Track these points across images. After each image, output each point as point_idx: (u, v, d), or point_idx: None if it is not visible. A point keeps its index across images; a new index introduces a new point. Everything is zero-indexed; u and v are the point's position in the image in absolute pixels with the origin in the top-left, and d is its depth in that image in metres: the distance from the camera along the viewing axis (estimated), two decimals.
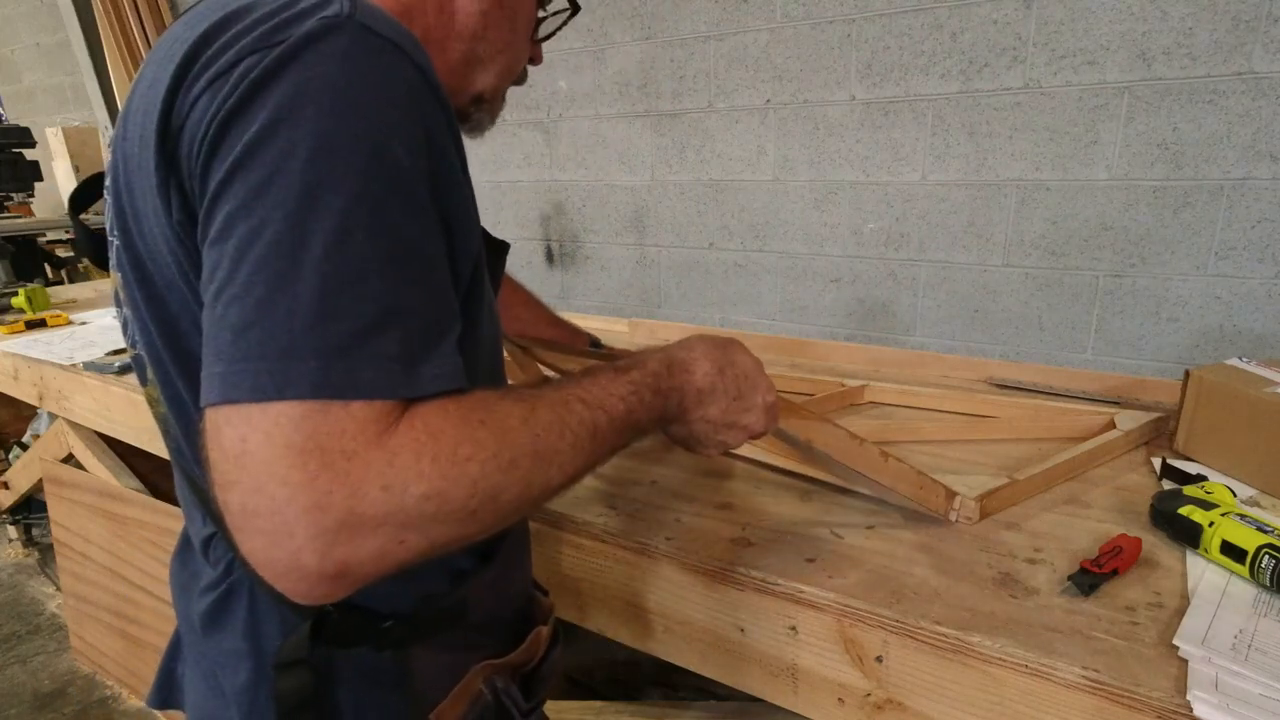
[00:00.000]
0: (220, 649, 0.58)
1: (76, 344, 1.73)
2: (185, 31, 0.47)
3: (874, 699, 0.69)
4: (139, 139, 0.48)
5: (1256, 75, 1.54)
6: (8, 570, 2.47)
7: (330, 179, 0.41)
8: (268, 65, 0.42)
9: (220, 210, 0.42)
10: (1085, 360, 1.86)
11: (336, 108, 0.42)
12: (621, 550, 0.83)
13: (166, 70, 0.46)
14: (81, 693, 1.89)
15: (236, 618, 0.57)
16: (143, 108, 0.48)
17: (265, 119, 0.41)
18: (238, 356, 0.40)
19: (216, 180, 0.42)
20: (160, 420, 0.60)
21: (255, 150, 0.41)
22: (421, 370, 0.43)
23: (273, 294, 0.40)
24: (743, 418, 0.63)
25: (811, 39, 2.03)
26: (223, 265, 0.41)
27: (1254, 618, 0.64)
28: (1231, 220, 1.63)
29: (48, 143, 4.14)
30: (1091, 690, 0.58)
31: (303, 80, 0.42)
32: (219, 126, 0.43)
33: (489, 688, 0.63)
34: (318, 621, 0.54)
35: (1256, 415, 0.88)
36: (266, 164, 0.41)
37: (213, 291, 0.42)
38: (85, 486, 1.74)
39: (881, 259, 2.07)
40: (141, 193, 0.49)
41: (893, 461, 0.75)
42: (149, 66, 0.51)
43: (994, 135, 1.84)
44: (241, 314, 0.40)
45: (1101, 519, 0.83)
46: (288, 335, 0.39)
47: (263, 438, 0.38)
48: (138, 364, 0.58)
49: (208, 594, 0.59)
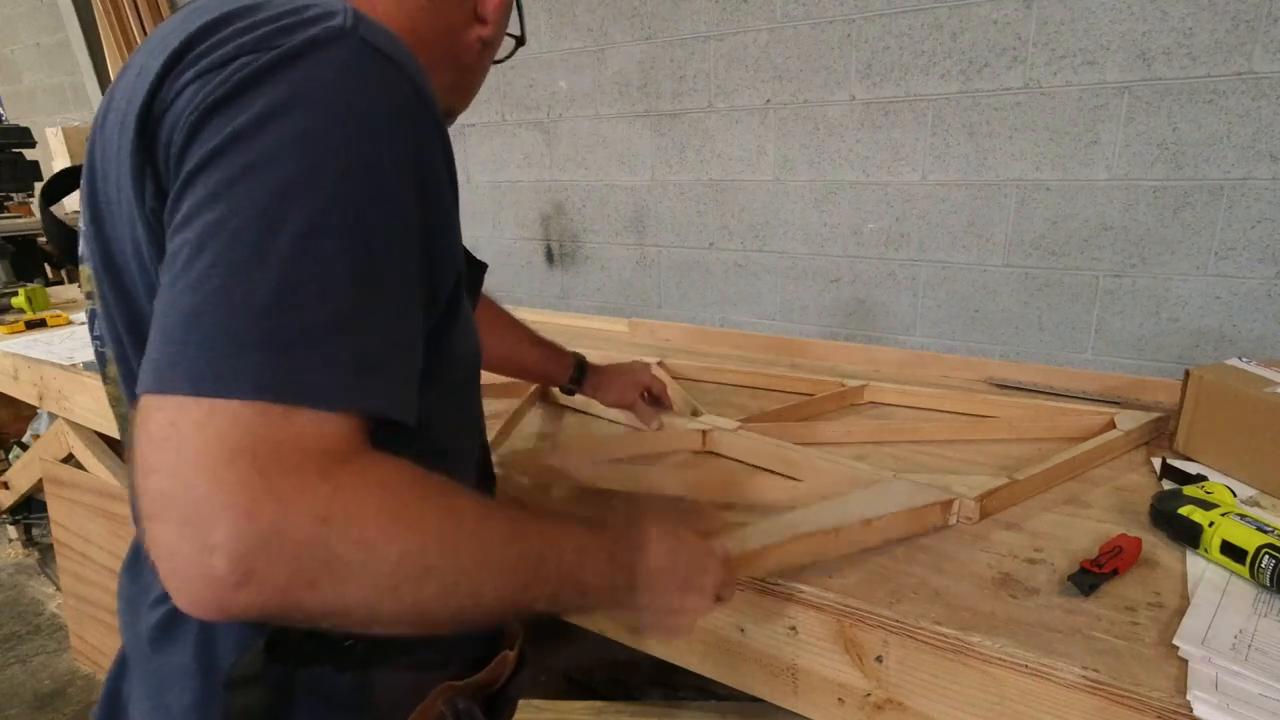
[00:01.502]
0: (168, 665, 0.56)
1: (76, 344, 1.73)
2: (182, 24, 0.47)
3: (874, 699, 0.69)
4: (119, 125, 0.47)
5: (1256, 75, 1.54)
6: (8, 570, 2.47)
7: (310, 179, 0.40)
8: (264, 63, 0.41)
9: (190, 196, 0.41)
10: (1085, 360, 1.86)
11: (328, 113, 0.41)
12: None
13: (157, 59, 0.45)
14: (81, 693, 1.89)
15: (187, 633, 0.55)
16: (126, 95, 0.47)
17: (253, 113, 0.40)
18: (182, 342, 0.38)
19: (190, 165, 0.41)
20: (120, 420, 0.58)
21: (237, 141, 0.40)
22: (370, 385, 0.40)
23: (229, 283, 0.38)
24: (688, 600, 0.59)
25: (811, 39, 2.03)
26: (183, 252, 0.40)
27: (1254, 618, 0.64)
28: (1231, 220, 1.63)
29: (48, 143, 4.14)
30: (1091, 690, 0.58)
31: (298, 82, 0.42)
32: (203, 113, 0.42)
33: (450, 709, 0.61)
34: (274, 639, 0.52)
35: (1256, 415, 0.88)
36: (246, 155, 0.40)
37: (169, 278, 0.40)
38: (85, 486, 1.74)
39: (881, 259, 2.07)
40: (116, 180, 0.47)
41: (876, 523, 0.75)
42: (139, 55, 0.50)
43: (994, 135, 1.84)
44: (193, 300, 0.38)
45: (1101, 519, 0.83)
46: (237, 324, 0.38)
47: (194, 426, 0.36)
48: (100, 360, 0.56)
49: (157, 608, 0.56)
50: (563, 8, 2.42)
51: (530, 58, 2.58)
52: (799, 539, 0.69)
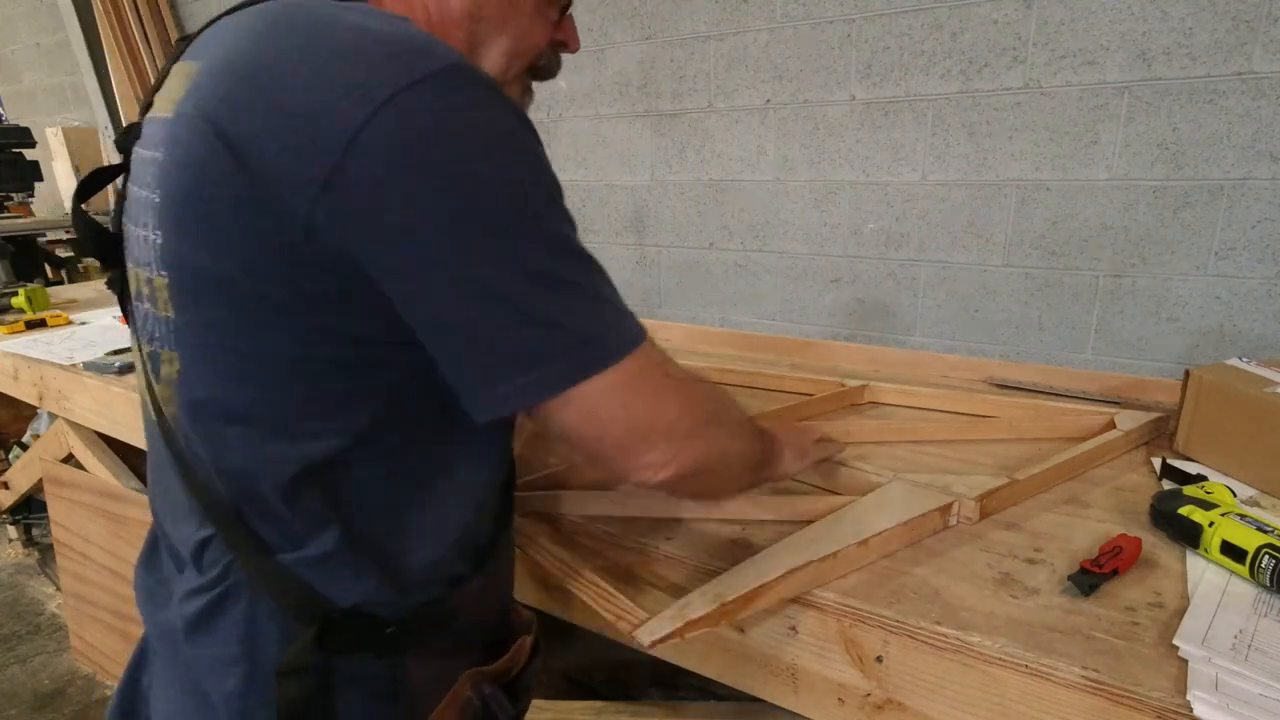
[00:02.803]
0: (208, 655, 0.57)
1: (76, 344, 1.73)
2: (267, 51, 0.48)
3: (874, 699, 0.69)
4: (225, 150, 0.47)
5: (1256, 75, 1.54)
6: (8, 570, 2.47)
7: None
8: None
9: (416, 244, 0.46)
10: (1085, 360, 1.86)
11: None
12: (622, 550, 0.83)
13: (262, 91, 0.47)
14: (81, 693, 1.89)
15: (230, 622, 0.56)
16: (242, 120, 0.47)
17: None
18: (561, 349, 0.50)
19: (397, 217, 0.46)
20: (163, 420, 0.59)
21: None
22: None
23: (559, 303, 0.49)
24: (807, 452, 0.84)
25: (811, 39, 2.03)
26: (485, 289, 0.47)
27: (1254, 618, 0.64)
28: (1231, 220, 1.63)
29: (48, 143, 4.13)
30: (1091, 690, 0.58)
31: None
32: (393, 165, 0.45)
33: (477, 694, 0.64)
34: (323, 627, 0.54)
35: (1256, 415, 0.88)
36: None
37: (481, 310, 0.48)
38: (85, 486, 1.74)
39: (881, 259, 2.07)
40: (225, 203, 0.48)
41: (873, 541, 0.74)
42: (232, 73, 0.49)
43: (994, 135, 1.84)
44: (541, 316, 0.49)
45: (1101, 519, 0.83)
46: (589, 321, 0.51)
47: (629, 389, 0.52)
48: (154, 360, 0.56)
49: (195, 599, 0.57)
50: None
51: None
52: (795, 573, 0.69)
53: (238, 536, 0.55)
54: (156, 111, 0.55)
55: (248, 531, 0.55)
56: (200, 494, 0.57)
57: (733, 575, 0.70)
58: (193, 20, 3.67)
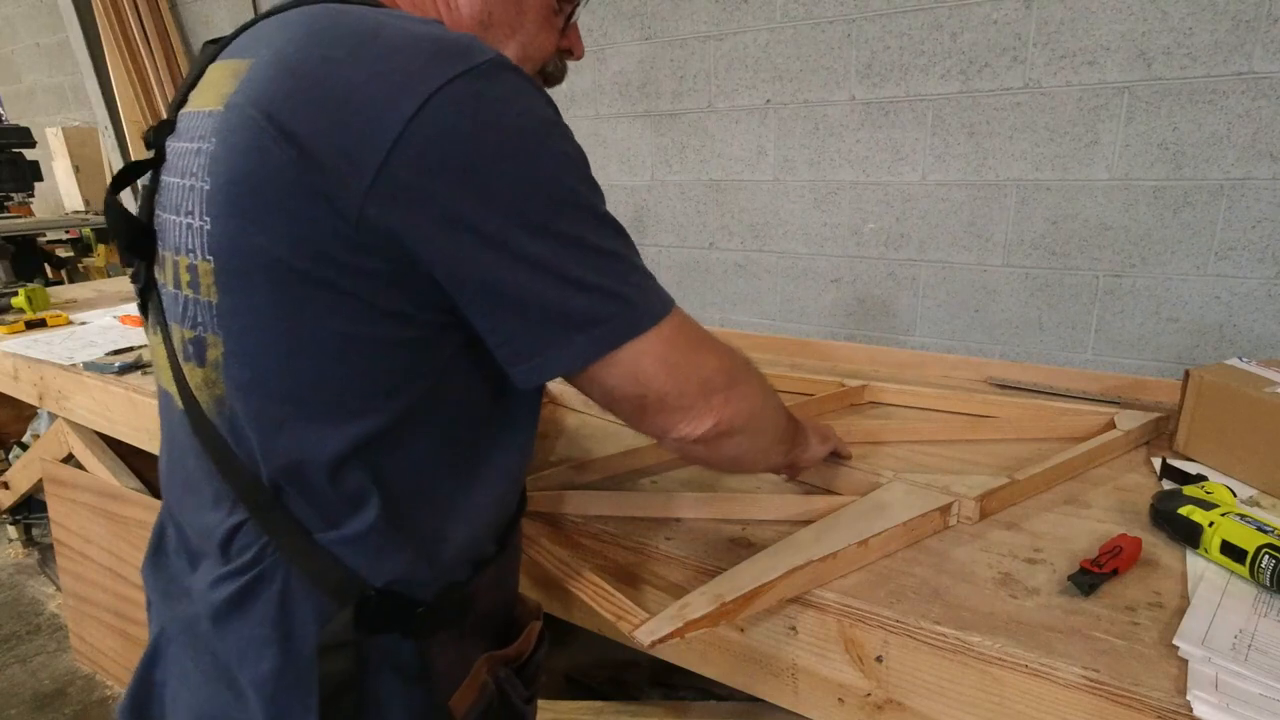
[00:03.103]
0: (239, 640, 0.58)
1: (76, 344, 1.73)
2: (320, 45, 0.51)
3: (874, 699, 0.69)
4: (283, 139, 0.49)
5: (1256, 75, 1.54)
6: (8, 570, 2.47)
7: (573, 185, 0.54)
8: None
9: (468, 222, 0.49)
10: (1085, 360, 1.86)
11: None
12: (621, 550, 0.83)
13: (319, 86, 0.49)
14: (81, 693, 1.89)
15: (264, 605, 0.57)
16: (297, 130, 0.49)
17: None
18: (606, 313, 0.53)
19: (451, 201, 0.49)
20: (193, 408, 0.59)
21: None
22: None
23: (598, 269, 0.53)
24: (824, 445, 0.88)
25: (811, 39, 2.03)
26: (532, 260, 0.50)
27: (1254, 618, 0.64)
28: (1231, 220, 1.63)
29: (48, 143, 4.14)
30: (1091, 690, 0.58)
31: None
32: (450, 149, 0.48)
33: (493, 678, 0.67)
34: (359, 605, 0.57)
35: (1256, 415, 0.88)
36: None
37: (529, 280, 0.51)
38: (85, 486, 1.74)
39: (881, 259, 2.07)
40: (280, 188, 0.50)
41: (873, 541, 0.74)
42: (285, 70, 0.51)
43: (994, 135, 1.84)
44: (585, 282, 0.52)
45: (1101, 519, 0.83)
46: (630, 286, 0.55)
47: (668, 347, 0.56)
48: (198, 345, 0.57)
49: (224, 585, 0.58)
50: None
51: None
52: (795, 572, 0.69)
53: (275, 519, 0.57)
54: (198, 106, 0.57)
55: (285, 513, 0.57)
56: (234, 479, 0.58)
57: (733, 575, 0.70)
58: (192, 20, 3.67)
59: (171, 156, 0.59)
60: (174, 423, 0.64)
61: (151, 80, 3.67)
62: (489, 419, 0.63)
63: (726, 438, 0.63)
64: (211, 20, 3.58)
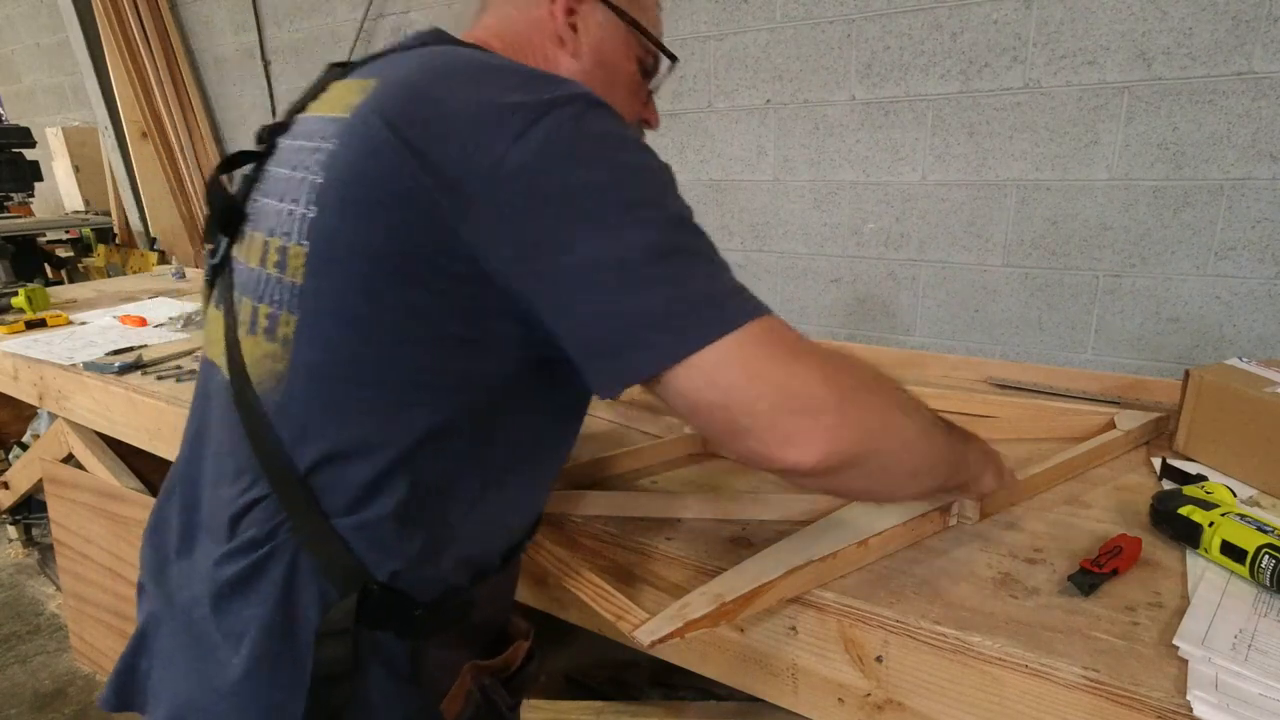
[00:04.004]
0: (238, 619, 0.59)
1: (76, 344, 1.73)
2: (442, 80, 0.57)
3: (874, 699, 0.69)
4: (401, 147, 0.54)
5: (1256, 75, 1.54)
6: (8, 570, 2.47)
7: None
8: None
9: (555, 230, 0.52)
10: (1085, 360, 1.86)
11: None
12: (622, 550, 0.84)
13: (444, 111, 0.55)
14: (81, 693, 1.89)
15: (268, 584, 0.58)
16: (414, 142, 0.54)
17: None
18: (685, 311, 0.52)
19: (550, 215, 0.52)
20: (239, 379, 0.62)
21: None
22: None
23: (681, 271, 0.53)
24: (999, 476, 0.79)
25: (811, 39, 2.03)
26: (615, 260, 0.52)
27: (1254, 618, 0.64)
28: (1231, 220, 1.63)
29: (48, 143, 4.14)
30: (1091, 690, 0.58)
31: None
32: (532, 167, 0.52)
33: (477, 685, 0.69)
34: (362, 596, 0.58)
35: (1256, 415, 0.88)
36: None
37: (608, 281, 0.52)
38: (85, 486, 1.74)
39: (881, 259, 2.07)
40: (391, 189, 0.55)
41: (873, 541, 0.74)
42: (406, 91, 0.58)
43: (994, 135, 1.84)
44: (664, 289, 0.52)
45: (1101, 519, 0.83)
46: (712, 286, 0.54)
47: (755, 352, 0.52)
48: (272, 321, 0.60)
49: (231, 561, 0.59)
50: None
51: None
52: (795, 572, 0.69)
53: (297, 498, 0.58)
54: (320, 112, 0.63)
55: (309, 494, 0.58)
56: (265, 454, 0.59)
57: (733, 575, 0.70)
58: (192, 20, 3.67)
59: (283, 151, 0.65)
60: (212, 394, 0.67)
61: (151, 80, 3.66)
62: (529, 439, 0.65)
63: (847, 469, 0.55)
64: (212, 20, 3.59)
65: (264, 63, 3.44)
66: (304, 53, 3.29)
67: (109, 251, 3.82)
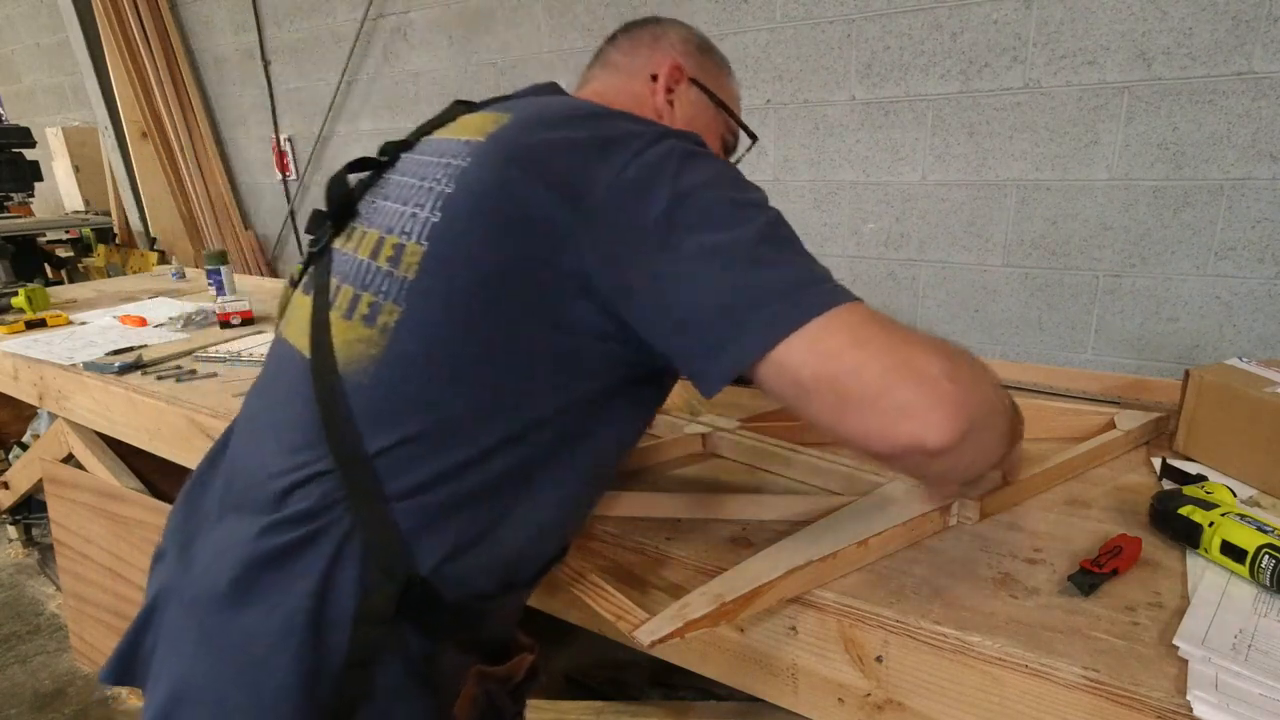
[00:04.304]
0: (271, 589, 0.59)
1: (76, 344, 1.73)
2: (568, 126, 0.64)
3: (874, 699, 0.69)
4: (530, 170, 0.61)
5: (1256, 75, 1.54)
6: (8, 570, 2.47)
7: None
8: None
9: (663, 231, 0.57)
10: (1085, 360, 1.86)
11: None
12: (622, 550, 0.84)
13: (565, 146, 0.62)
14: (81, 693, 1.89)
15: (315, 558, 0.59)
16: (545, 161, 0.61)
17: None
18: (789, 288, 0.55)
19: (658, 217, 0.58)
20: (322, 357, 0.65)
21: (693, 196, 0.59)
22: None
23: (782, 259, 0.57)
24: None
25: (811, 39, 2.03)
26: (719, 252, 0.56)
27: (1254, 618, 0.64)
28: (1231, 220, 1.63)
29: (48, 143, 4.14)
30: (1091, 690, 0.58)
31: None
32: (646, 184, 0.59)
33: (483, 690, 0.71)
34: (407, 582, 0.59)
35: (1256, 415, 0.88)
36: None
37: (715, 269, 0.56)
38: (85, 486, 1.74)
39: (881, 259, 2.07)
40: (515, 205, 0.61)
41: (873, 541, 0.74)
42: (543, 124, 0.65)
43: (994, 135, 1.84)
44: (768, 271, 0.56)
45: (1101, 519, 0.83)
46: (810, 270, 0.57)
47: (857, 324, 0.54)
48: (373, 309, 0.64)
49: (276, 533, 0.60)
50: (563, 8, 2.42)
51: (530, 57, 2.58)
52: (795, 572, 0.69)
53: (360, 477, 0.60)
54: (452, 135, 0.70)
55: (373, 475, 0.60)
56: (335, 430, 0.62)
57: (733, 575, 0.70)
58: (192, 20, 3.67)
59: (406, 163, 0.72)
60: (282, 371, 0.71)
61: (151, 80, 3.66)
62: (594, 458, 0.69)
63: (965, 443, 0.53)
64: (212, 20, 3.59)
65: (264, 63, 3.44)
66: (304, 53, 3.29)
67: (109, 251, 3.82)
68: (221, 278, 2.09)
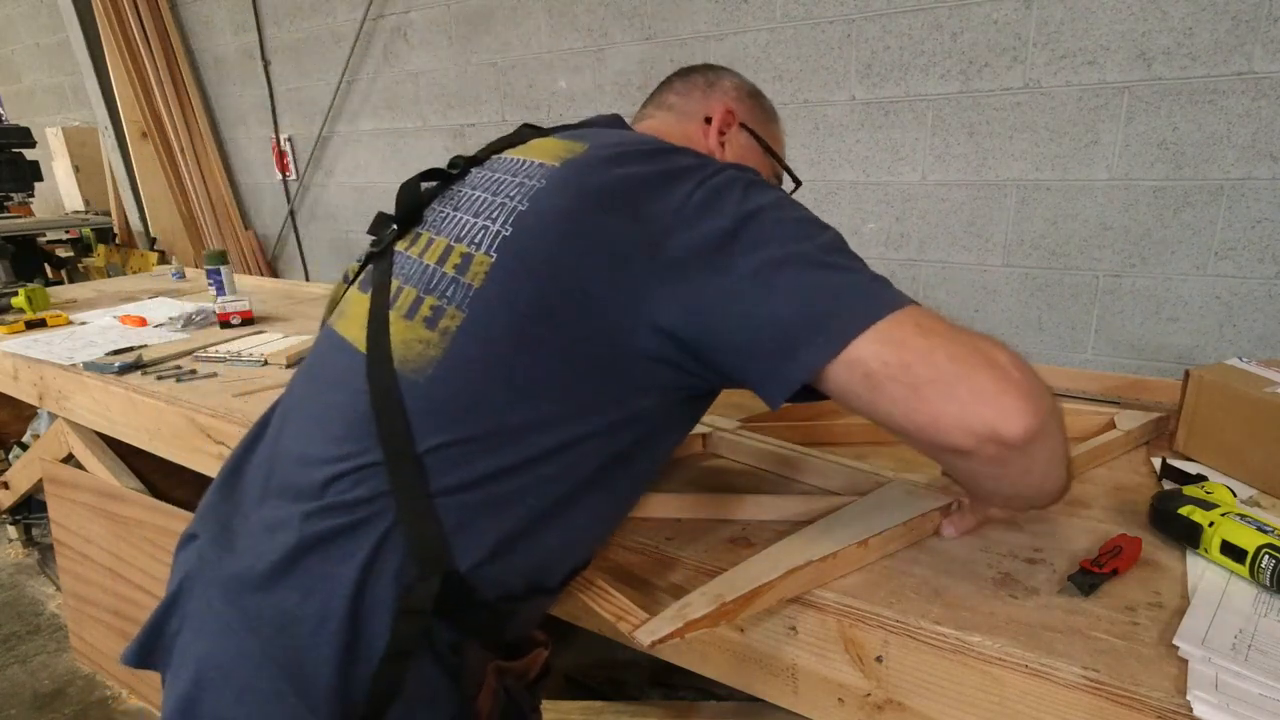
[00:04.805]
0: (311, 574, 0.60)
1: (76, 344, 1.73)
2: (632, 162, 0.67)
3: (874, 699, 0.69)
4: (601, 198, 0.65)
5: (1256, 75, 1.54)
6: (8, 570, 2.47)
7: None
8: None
9: (730, 249, 0.60)
10: (1085, 360, 1.86)
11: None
12: (622, 550, 0.84)
13: (637, 178, 0.66)
14: (81, 693, 1.89)
15: (359, 545, 0.60)
16: (617, 193, 0.65)
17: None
18: (858, 289, 0.59)
19: (725, 236, 0.60)
20: (379, 352, 0.66)
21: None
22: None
23: (845, 267, 0.60)
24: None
25: (811, 39, 2.03)
26: (779, 271, 0.59)
27: (1254, 618, 0.64)
28: (1231, 220, 1.63)
29: (48, 143, 4.14)
30: (1091, 690, 0.58)
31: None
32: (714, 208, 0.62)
33: (502, 686, 0.71)
34: (446, 577, 0.60)
35: (1256, 415, 0.88)
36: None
37: (781, 277, 0.58)
38: (85, 486, 1.74)
39: (881, 259, 2.07)
40: (582, 227, 0.64)
41: (873, 541, 0.75)
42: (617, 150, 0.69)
43: (994, 135, 1.84)
44: (834, 276, 0.59)
45: (1101, 519, 0.83)
46: (873, 278, 0.60)
47: (922, 319, 0.56)
48: (436, 312, 0.66)
49: (321, 519, 0.61)
50: (563, 8, 2.42)
51: (530, 58, 2.58)
52: (795, 572, 0.69)
53: (407, 471, 0.61)
54: (525, 156, 0.73)
55: (420, 470, 0.61)
56: (387, 424, 0.63)
57: (733, 575, 0.70)
58: (192, 20, 3.67)
59: (477, 178, 0.75)
60: (330, 364, 0.73)
61: (151, 80, 3.66)
62: (633, 472, 0.70)
63: (1046, 432, 0.53)
64: (212, 20, 3.59)
65: (264, 63, 3.44)
66: (304, 53, 3.29)
67: (109, 251, 3.82)
68: (221, 278, 2.10)
